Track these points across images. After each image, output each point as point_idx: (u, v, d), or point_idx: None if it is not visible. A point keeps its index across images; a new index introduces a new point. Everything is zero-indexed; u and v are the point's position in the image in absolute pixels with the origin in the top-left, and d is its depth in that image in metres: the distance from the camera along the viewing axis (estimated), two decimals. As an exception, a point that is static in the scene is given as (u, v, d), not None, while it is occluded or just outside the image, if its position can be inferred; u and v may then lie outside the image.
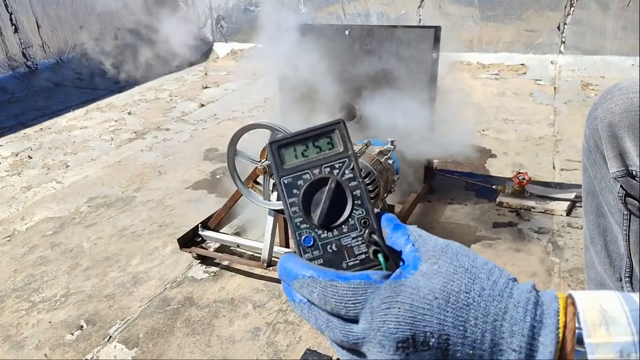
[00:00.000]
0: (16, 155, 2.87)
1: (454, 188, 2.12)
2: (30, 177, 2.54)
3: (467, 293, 0.35)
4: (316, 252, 0.42)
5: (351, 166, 0.44)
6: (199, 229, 1.74)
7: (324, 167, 0.44)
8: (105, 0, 5.09)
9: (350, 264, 0.42)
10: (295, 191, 0.43)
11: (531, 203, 1.95)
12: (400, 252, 0.41)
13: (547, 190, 2.04)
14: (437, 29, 1.77)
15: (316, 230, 0.42)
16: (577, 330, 0.34)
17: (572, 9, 3.83)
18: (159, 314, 1.49)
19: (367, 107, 1.95)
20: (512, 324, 0.34)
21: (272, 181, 1.54)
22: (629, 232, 0.88)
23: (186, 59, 4.88)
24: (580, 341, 0.33)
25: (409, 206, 1.86)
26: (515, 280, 0.37)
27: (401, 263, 0.40)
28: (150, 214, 2.09)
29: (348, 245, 0.42)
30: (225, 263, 1.71)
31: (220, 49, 5.24)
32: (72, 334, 1.44)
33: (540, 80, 3.76)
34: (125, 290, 1.62)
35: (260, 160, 1.53)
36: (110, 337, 1.42)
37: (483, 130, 2.80)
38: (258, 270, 1.64)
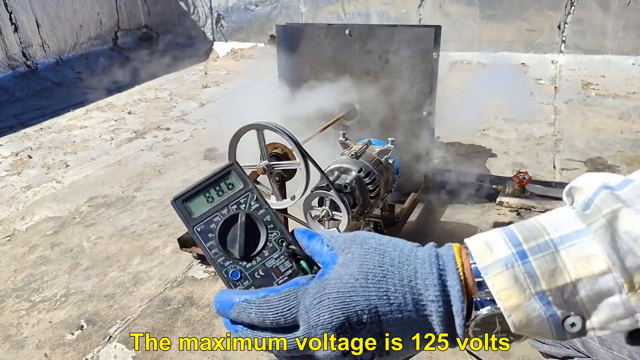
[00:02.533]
0: (16, 154, 2.87)
1: (454, 188, 2.12)
2: (30, 177, 2.54)
3: (381, 267, 0.39)
4: (246, 282, 0.44)
5: (254, 197, 0.47)
6: (199, 229, 1.74)
7: (231, 206, 0.46)
8: (105, 0, 5.09)
9: (280, 282, 0.44)
10: (210, 235, 0.45)
11: (531, 203, 1.94)
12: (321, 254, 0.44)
13: (547, 190, 2.04)
14: (437, 29, 1.76)
15: (240, 263, 0.44)
16: (472, 266, 0.39)
17: (573, 8, 3.83)
18: (159, 314, 1.49)
19: (367, 107, 1.95)
20: (423, 279, 0.38)
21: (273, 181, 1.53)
22: None
23: (186, 59, 4.88)
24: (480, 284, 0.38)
25: (409, 206, 1.86)
26: (418, 245, 0.42)
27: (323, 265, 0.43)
28: (150, 214, 2.09)
29: (274, 267, 0.45)
30: (226, 263, 1.71)
31: (220, 48, 5.24)
32: (73, 334, 1.44)
33: (540, 79, 3.76)
34: (125, 290, 1.62)
35: (259, 162, 1.52)
36: (110, 336, 1.42)
37: (483, 130, 2.80)
38: (258, 270, 1.64)
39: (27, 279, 1.70)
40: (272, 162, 1.50)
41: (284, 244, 0.45)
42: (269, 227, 0.46)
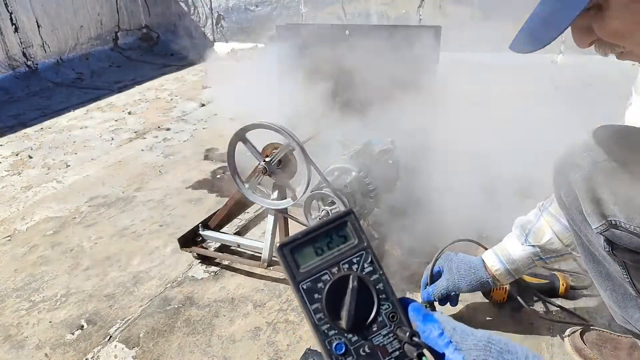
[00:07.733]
0: (16, 155, 2.87)
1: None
2: (31, 177, 2.55)
3: None
4: (349, 359, 0.40)
5: (369, 259, 0.42)
6: (200, 229, 1.75)
7: (342, 264, 0.42)
8: (105, 0, 5.09)
9: None
10: (317, 296, 0.41)
11: (531, 203, 1.94)
12: (443, 354, 0.40)
13: (547, 190, 2.04)
14: (437, 29, 1.77)
15: (346, 335, 0.40)
16: None
17: (573, 8, 3.82)
18: (160, 314, 1.49)
19: (368, 107, 1.95)
20: None
21: (272, 181, 1.54)
22: (631, 279, 0.85)
23: (186, 58, 4.89)
24: None
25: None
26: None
27: None
28: (150, 214, 2.09)
29: (380, 345, 0.41)
30: (226, 263, 1.71)
31: (221, 48, 5.24)
32: (73, 334, 1.44)
33: (540, 80, 3.76)
34: (125, 290, 1.62)
35: (262, 159, 1.53)
36: (110, 336, 1.42)
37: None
38: (258, 270, 1.64)
39: (28, 279, 1.71)
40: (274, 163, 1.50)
41: (395, 321, 0.41)
42: (381, 296, 0.41)
